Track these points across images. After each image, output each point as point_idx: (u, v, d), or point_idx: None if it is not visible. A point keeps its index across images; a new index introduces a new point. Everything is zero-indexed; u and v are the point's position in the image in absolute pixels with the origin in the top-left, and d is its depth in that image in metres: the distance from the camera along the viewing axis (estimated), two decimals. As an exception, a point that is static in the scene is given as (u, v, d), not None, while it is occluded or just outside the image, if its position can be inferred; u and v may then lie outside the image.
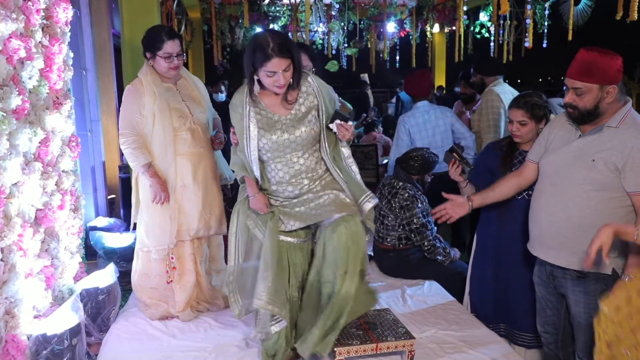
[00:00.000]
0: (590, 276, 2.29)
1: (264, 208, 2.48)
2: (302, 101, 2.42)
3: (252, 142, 2.39)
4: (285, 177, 2.45)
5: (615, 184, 2.18)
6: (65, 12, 2.82)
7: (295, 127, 2.39)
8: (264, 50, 2.23)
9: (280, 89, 2.33)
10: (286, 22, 8.36)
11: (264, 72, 2.28)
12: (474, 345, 2.71)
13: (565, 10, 6.68)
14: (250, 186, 2.49)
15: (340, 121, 2.35)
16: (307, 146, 2.44)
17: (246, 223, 2.53)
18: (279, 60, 2.24)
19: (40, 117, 2.57)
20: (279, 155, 2.42)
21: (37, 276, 2.49)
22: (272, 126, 2.39)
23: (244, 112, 2.39)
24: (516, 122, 2.72)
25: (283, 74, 2.28)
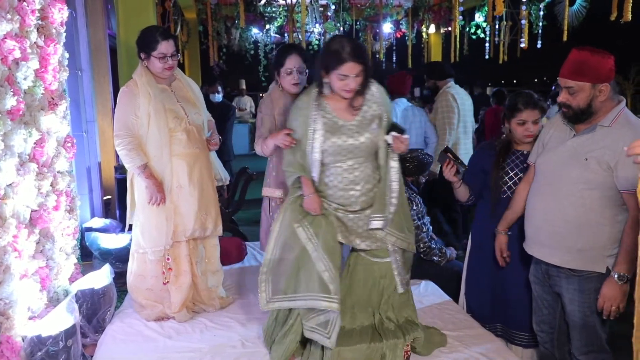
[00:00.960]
0: (585, 274, 2.30)
1: (317, 209, 2.48)
2: (367, 109, 2.46)
3: (317, 143, 2.42)
4: (344, 182, 2.47)
5: (608, 182, 2.20)
6: (60, 12, 2.81)
7: (359, 133, 2.43)
8: (339, 53, 2.30)
9: (348, 93, 2.38)
10: (282, 23, 8.36)
11: (335, 75, 2.34)
12: (469, 344, 2.71)
13: (560, 11, 6.69)
14: (306, 185, 2.50)
15: (397, 133, 2.41)
16: (368, 154, 2.48)
17: (292, 224, 2.50)
18: (353, 64, 2.30)
19: (35, 118, 2.56)
20: (340, 159, 2.45)
21: (32, 277, 2.48)
22: (337, 130, 2.42)
23: (310, 113, 2.43)
24: (531, 122, 2.72)
25: (354, 79, 2.33)
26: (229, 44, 9.03)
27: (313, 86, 2.48)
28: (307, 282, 2.44)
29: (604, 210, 2.22)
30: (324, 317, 2.44)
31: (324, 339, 2.42)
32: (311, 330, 2.47)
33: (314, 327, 2.46)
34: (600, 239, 2.24)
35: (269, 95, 3.08)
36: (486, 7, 7.66)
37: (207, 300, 3.18)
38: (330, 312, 2.42)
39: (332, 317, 2.42)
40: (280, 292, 2.51)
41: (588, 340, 2.36)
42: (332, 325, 2.42)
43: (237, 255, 4.10)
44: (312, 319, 2.47)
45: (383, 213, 2.48)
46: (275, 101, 3.03)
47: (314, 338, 2.47)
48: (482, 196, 2.95)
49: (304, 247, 2.46)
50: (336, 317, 2.41)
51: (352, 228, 2.53)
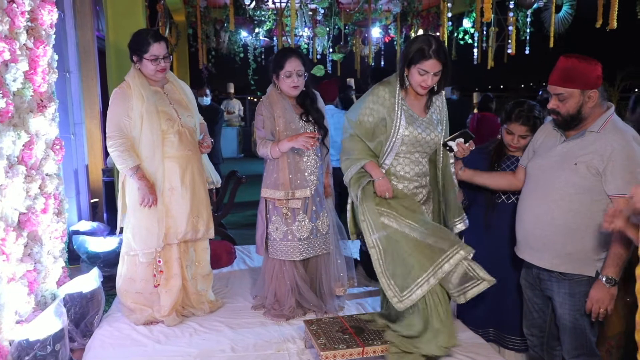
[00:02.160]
0: (575, 278, 2.33)
1: (390, 190, 2.57)
2: (433, 110, 2.67)
3: (401, 130, 2.54)
4: (410, 173, 2.63)
5: (597, 187, 2.23)
6: (50, 14, 2.79)
7: (431, 130, 2.61)
8: (424, 49, 2.44)
9: (423, 89, 2.54)
10: (271, 27, 8.37)
11: (416, 70, 2.47)
12: (459, 348, 2.72)
13: (547, 17, 6.79)
14: (374, 169, 2.60)
15: (465, 140, 2.58)
16: (430, 151, 2.66)
17: (380, 221, 2.54)
18: (435, 62, 2.45)
19: (24, 120, 2.54)
20: (410, 150, 2.60)
21: (19, 281, 2.45)
22: (413, 122, 2.58)
23: (397, 102, 2.56)
24: (517, 136, 2.75)
25: (432, 77, 2.48)
26: (217, 47, 9.01)
27: (392, 79, 2.61)
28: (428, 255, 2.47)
29: (593, 215, 2.25)
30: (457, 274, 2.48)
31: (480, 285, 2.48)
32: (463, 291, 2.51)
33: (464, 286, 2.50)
34: (589, 242, 2.27)
35: (268, 98, 3.08)
36: (474, 13, 7.75)
37: (197, 304, 3.17)
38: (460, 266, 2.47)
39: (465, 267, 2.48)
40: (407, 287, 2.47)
41: (578, 343, 2.39)
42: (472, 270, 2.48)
43: (227, 259, 4.09)
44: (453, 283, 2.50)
45: (461, 215, 2.74)
46: (274, 104, 3.04)
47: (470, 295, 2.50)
48: (476, 200, 2.97)
49: (401, 232, 2.52)
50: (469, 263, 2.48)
51: None
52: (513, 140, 2.77)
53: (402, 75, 2.55)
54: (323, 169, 3.18)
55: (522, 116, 2.71)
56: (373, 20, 8.23)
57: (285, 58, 2.99)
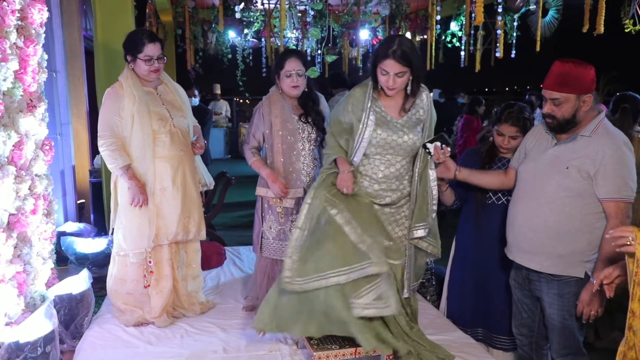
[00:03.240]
0: (564, 279, 2.36)
1: (350, 187, 2.55)
2: (414, 112, 2.59)
3: (368, 130, 2.51)
4: (379, 174, 2.57)
5: (588, 190, 2.27)
6: (40, 13, 2.76)
7: (404, 132, 2.54)
8: (386, 48, 2.42)
9: (390, 90, 2.50)
10: (260, 28, 8.36)
11: (379, 69, 2.46)
12: (449, 348, 2.73)
13: (534, 22, 6.87)
14: (342, 163, 2.59)
15: (442, 144, 2.53)
16: (406, 154, 2.58)
17: (324, 205, 2.51)
18: (394, 63, 2.41)
19: (14, 120, 2.51)
20: (381, 152, 2.55)
21: (9, 282, 2.42)
22: (384, 124, 2.54)
23: (366, 104, 2.53)
24: (508, 137, 2.78)
25: (394, 77, 2.45)
26: (205, 48, 8.97)
27: (368, 80, 2.59)
28: (346, 256, 2.41)
29: (584, 218, 2.29)
30: (374, 292, 2.41)
31: (383, 309, 2.40)
32: (365, 307, 2.40)
33: (369, 303, 2.41)
34: (579, 245, 2.31)
35: (268, 98, 3.11)
36: (462, 17, 7.81)
37: (188, 306, 3.16)
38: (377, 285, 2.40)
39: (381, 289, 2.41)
40: (307, 274, 2.43)
41: (566, 343, 2.42)
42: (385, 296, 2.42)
43: (217, 260, 4.08)
44: (364, 296, 2.41)
45: (426, 221, 2.59)
46: (273, 104, 3.07)
47: (367, 314, 2.41)
48: (467, 201, 3.00)
49: (337, 224, 2.47)
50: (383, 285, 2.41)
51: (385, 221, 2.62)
52: (504, 141, 2.80)
53: (373, 75, 2.53)
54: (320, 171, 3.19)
55: (512, 117, 2.75)
56: (362, 23, 8.26)
57: (285, 58, 3.03)
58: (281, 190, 2.99)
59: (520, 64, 10.47)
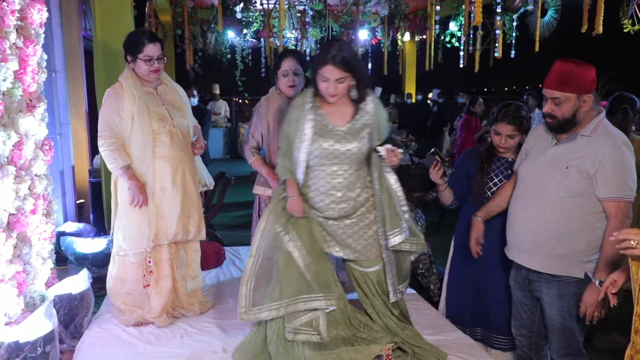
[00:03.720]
0: (564, 280, 2.36)
1: (300, 211, 2.50)
2: (359, 117, 2.47)
3: (305, 144, 2.42)
4: (326, 186, 2.47)
5: (587, 190, 2.27)
6: (39, 13, 2.76)
7: (347, 140, 2.43)
8: (325, 55, 2.34)
9: (331, 97, 2.39)
10: (259, 28, 8.37)
11: (319, 76, 2.37)
12: (448, 348, 2.74)
13: (532, 22, 6.88)
14: (290, 187, 2.52)
15: (392, 146, 2.43)
16: (354, 162, 2.48)
17: (276, 231, 2.51)
18: (334, 68, 2.32)
19: (13, 120, 2.51)
20: (325, 163, 2.45)
21: (9, 282, 2.42)
22: (326, 134, 2.43)
23: (303, 113, 2.44)
24: (505, 136, 2.79)
25: (334, 84, 2.35)
26: (204, 48, 8.98)
27: (310, 87, 2.50)
28: (296, 286, 2.44)
29: (584, 218, 2.29)
30: (306, 316, 2.45)
31: (312, 336, 2.44)
32: (295, 332, 2.45)
33: (298, 328, 2.45)
34: (579, 245, 2.31)
35: (267, 99, 3.13)
36: (461, 17, 7.83)
37: (187, 306, 3.16)
38: (313, 312, 2.44)
39: (315, 316, 2.45)
40: (260, 303, 2.48)
41: (566, 343, 2.43)
42: (316, 322, 2.45)
43: (216, 260, 4.07)
44: (294, 320, 2.46)
45: (400, 226, 2.50)
46: (271, 104, 3.09)
47: (298, 339, 2.46)
48: (466, 201, 3.01)
49: (287, 251, 2.47)
50: (320, 315, 2.44)
51: (332, 234, 2.56)
52: (501, 140, 2.81)
53: (314, 82, 2.43)
54: None
55: (508, 116, 2.75)
56: (361, 23, 8.28)
57: (282, 58, 3.05)
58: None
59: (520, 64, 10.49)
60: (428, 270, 3.58)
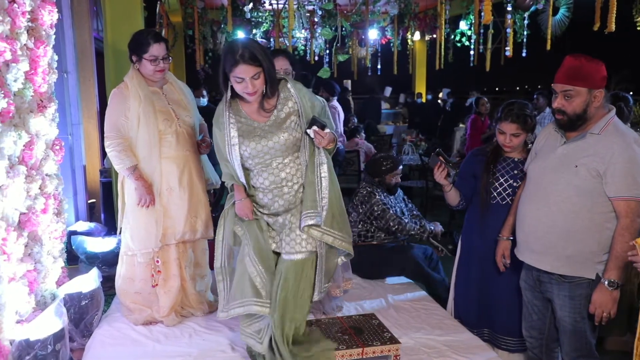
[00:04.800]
0: (575, 281, 2.34)
1: (249, 214, 2.51)
2: (281, 107, 2.45)
3: (234, 149, 2.42)
4: (266, 183, 2.47)
5: (597, 189, 2.24)
6: (50, 14, 2.79)
7: (274, 134, 2.41)
8: (232, 56, 2.28)
9: (250, 96, 2.35)
10: (268, 28, 8.38)
11: (233, 78, 2.33)
12: (457, 349, 2.74)
13: (544, 20, 6.82)
14: (237, 191, 2.53)
15: (317, 127, 2.35)
16: (288, 152, 2.45)
17: (233, 230, 2.56)
18: (246, 66, 2.28)
19: (24, 120, 2.54)
20: (260, 162, 2.44)
21: (20, 280, 2.45)
22: (251, 133, 2.42)
23: (225, 119, 2.43)
24: (509, 135, 2.77)
25: (251, 81, 2.31)
26: (214, 48, 9.01)
27: (225, 92, 2.46)
28: (243, 288, 2.49)
29: (594, 217, 2.26)
30: (258, 324, 2.53)
31: (256, 344, 2.52)
32: (246, 336, 2.57)
33: (250, 333, 2.55)
34: (590, 245, 2.28)
35: None
36: (471, 16, 7.78)
37: (196, 305, 3.17)
38: (264, 319, 2.50)
39: (264, 323, 2.51)
40: (229, 301, 2.57)
41: (577, 345, 2.40)
42: (264, 330, 2.51)
43: (225, 259, 4.08)
44: (250, 325, 2.56)
45: (315, 209, 2.42)
46: None
47: (248, 343, 2.58)
48: (472, 201, 2.99)
49: (242, 253, 2.51)
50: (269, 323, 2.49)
51: (279, 230, 2.56)
52: (506, 139, 2.79)
53: (225, 85, 2.40)
54: None
55: (512, 114, 2.73)
56: (370, 22, 8.25)
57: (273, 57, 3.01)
58: None
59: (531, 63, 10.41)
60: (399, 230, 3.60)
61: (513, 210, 2.69)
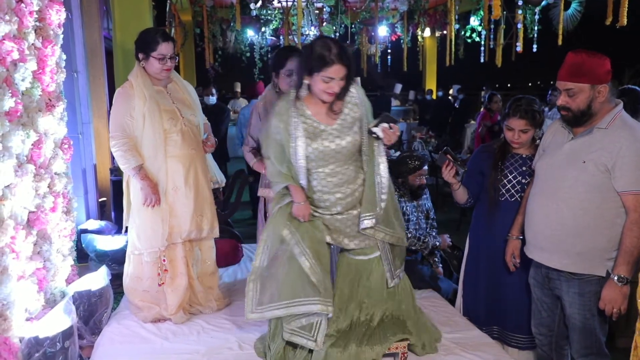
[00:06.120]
0: (585, 278, 2.31)
1: (307, 216, 2.47)
2: (348, 111, 2.42)
3: (300, 150, 2.37)
4: (328, 186, 2.45)
5: (606, 184, 2.21)
6: (58, 14, 2.81)
7: (340, 138, 2.39)
8: (325, 55, 2.25)
9: (330, 96, 2.34)
10: (278, 26, 8.38)
11: (320, 78, 2.29)
12: (466, 347, 2.72)
13: (555, 15, 6.75)
14: (296, 193, 2.47)
15: (388, 124, 2.35)
16: (350, 156, 2.45)
17: (281, 233, 2.49)
18: (340, 67, 2.27)
19: (33, 119, 2.56)
20: (323, 164, 2.42)
21: (29, 279, 2.48)
22: (319, 135, 2.39)
23: (290, 120, 2.38)
24: (517, 131, 2.74)
25: (338, 82, 2.30)
26: (224, 47, 9.03)
27: (291, 91, 2.43)
28: (295, 288, 2.42)
29: (603, 213, 2.23)
30: (305, 320, 2.44)
31: (308, 341, 2.43)
32: (292, 333, 2.46)
33: (294, 329, 2.46)
34: (599, 241, 2.25)
35: (263, 99, 3.08)
36: (481, 11, 7.72)
37: (204, 302, 3.18)
38: (315, 315, 2.42)
39: (316, 320, 2.43)
40: (265, 303, 2.49)
41: (587, 343, 2.37)
42: (316, 327, 2.43)
43: (233, 256, 4.10)
44: (293, 321, 2.46)
45: (373, 211, 2.45)
46: (268, 103, 3.04)
47: (294, 341, 2.47)
48: (480, 199, 2.97)
49: (292, 253, 2.45)
50: (322, 319, 2.42)
51: (339, 229, 2.53)
52: (514, 136, 2.76)
53: (300, 84, 2.36)
54: None
55: (520, 110, 2.70)
56: (380, 19, 8.23)
57: (286, 56, 2.99)
58: None
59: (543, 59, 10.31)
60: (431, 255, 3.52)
61: (522, 208, 2.67)
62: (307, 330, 2.44)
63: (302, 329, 2.44)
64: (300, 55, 2.38)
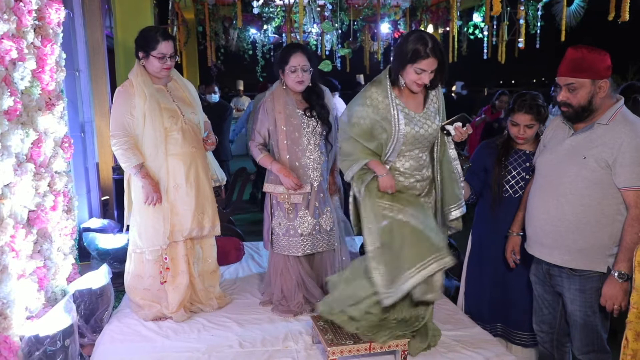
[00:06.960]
0: (586, 274, 2.30)
1: (393, 187, 2.54)
2: (430, 103, 2.61)
3: (402, 129, 2.50)
4: (410, 169, 2.59)
5: (606, 180, 2.20)
6: (57, 12, 2.81)
7: (428, 125, 2.56)
8: (420, 49, 2.39)
9: (418, 87, 2.49)
10: (280, 23, 8.36)
11: (413, 69, 2.43)
12: (467, 344, 2.71)
13: (558, 10, 6.72)
14: (378, 166, 2.55)
15: (462, 125, 2.54)
16: (429, 144, 2.62)
17: (380, 212, 2.51)
18: (433, 60, 2.41)
19: (32, 118, 2.56)
20: (409, 148, 2.56)
21: (29, 277, 2.48)
22: (410, 120, 2.53)
23: (392, 102, 2.51)
24: (523, 126, 2.73)
25: (429, 75, 2.44)
26: (226, 45, 9.02)
27: (382, 77, 2.55)
28: (419, 250, 2.42)
29: (604, 209, 2.22)
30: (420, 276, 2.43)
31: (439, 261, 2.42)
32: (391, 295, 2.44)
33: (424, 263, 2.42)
34: (600, 238, 2.24)
35: (272, 94, 3.08)
36: (484, 7, 7.68)
37: (205, 300, 3.18)
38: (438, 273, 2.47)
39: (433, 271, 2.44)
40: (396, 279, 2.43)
41: (588, 340, 2.36)
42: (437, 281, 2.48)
43: (235, 255, 4.10)
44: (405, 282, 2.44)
45: (458, 201, 2.65)
46: (276, 99, 3.04)
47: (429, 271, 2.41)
48: (483, 195, 2.95)
49: (399, 222, 2.47)
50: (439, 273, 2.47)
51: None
52: (519, 131, 2.75)
53: (397, 74, 2.49)
54: (328, 166, 3.17)
55: (525, 105, 2.71)
56: (382, 16, 8.20)
57: (290, 53, 2.99)
58: (295, 184, 2.98)
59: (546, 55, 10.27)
60: None
61: (523, 205, 2.66)
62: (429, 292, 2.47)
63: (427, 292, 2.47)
64: (397, 45, 2.52)
